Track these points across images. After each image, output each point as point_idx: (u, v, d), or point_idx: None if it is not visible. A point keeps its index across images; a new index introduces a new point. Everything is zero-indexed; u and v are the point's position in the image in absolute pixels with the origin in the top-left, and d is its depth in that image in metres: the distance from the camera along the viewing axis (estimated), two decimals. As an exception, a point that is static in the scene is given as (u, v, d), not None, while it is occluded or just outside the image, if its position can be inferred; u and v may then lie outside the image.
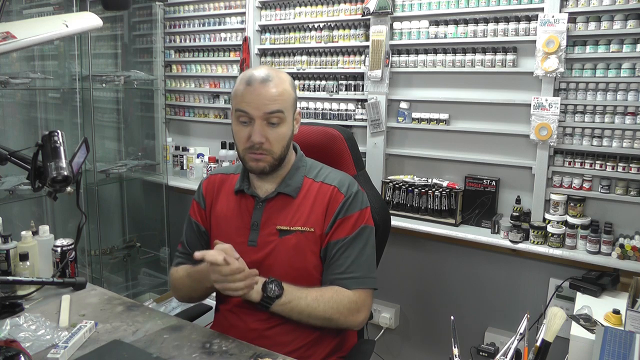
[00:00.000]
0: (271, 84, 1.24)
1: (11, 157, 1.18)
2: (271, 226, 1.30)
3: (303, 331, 1.27)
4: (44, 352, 1.10)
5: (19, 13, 2.84)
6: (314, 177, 1.34)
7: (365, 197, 1.34)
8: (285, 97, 1.26)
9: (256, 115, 1.23)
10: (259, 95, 1.22)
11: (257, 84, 1.23)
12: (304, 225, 1.28)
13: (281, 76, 1.28)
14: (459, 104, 2.28)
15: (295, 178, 1.33)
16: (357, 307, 1.26)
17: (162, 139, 3.19)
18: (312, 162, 1.39)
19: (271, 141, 1.25)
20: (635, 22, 1.85)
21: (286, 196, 1.31)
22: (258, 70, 1.27)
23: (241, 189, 1.35)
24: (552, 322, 1.01)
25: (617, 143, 1.92)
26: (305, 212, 1.29)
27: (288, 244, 1.28)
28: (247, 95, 1.23)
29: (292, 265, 1.27)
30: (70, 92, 2.77)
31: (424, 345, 2.47)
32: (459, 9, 2.20)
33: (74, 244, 1.52)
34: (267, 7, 2.77)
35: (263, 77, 1.24)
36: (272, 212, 1.31)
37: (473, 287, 2.29)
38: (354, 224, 1.29)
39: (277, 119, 1.24)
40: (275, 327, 1.27)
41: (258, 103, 1.22)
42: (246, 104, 1.23)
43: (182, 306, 2.54)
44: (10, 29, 1.03)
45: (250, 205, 1.34)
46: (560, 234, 1.98)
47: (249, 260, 1.28)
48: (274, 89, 1.24)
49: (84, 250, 2.83)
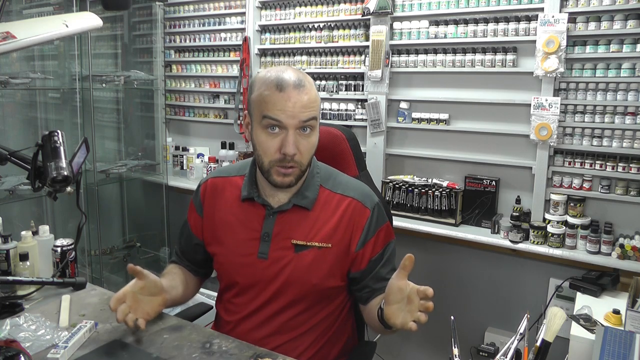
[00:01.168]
0: (305, 89, 1.12)
1: (11, 157, 1.17)
2: (285, 239, 1.21)
3: (303, 340, 1.25)
4: (44, 352, 1.09)
5: (19, 13, 2.84)
6: (331, 187, 1.25)
7: (383, 211, 1.29)
8: (318, 103, 1.16)
9: (291, 124, 1.11)
10: (295, 103, 1.10)
11: (290, 89, 1.10)
12: (321, 241, 1.20)
13: (310, 80, 1.17)
14: (459, 104, 2.28)
15: (311, 189, 1.23)
16: None
17: (162, 139, 3.19)
18: (326, 168, 1.30)
19: (302, 152, 1.14)
20: (635, 22, 1.85)
21: (301, 208, 1.22)
22: (287, 73, 1.13)
23: (250, 197, 1.24)
24: (552, 322, 1.01)
25: (617, 143, 1.92)
26: (324, 227, 1.21)
27: (305, 260, 1.20)
28: (279, 101, 1.10)
29: (309, 282, 1.20)
30: (70, 92, 2.77)
31: (424, 345, 2.47)
32: (459, 9, 2.20)
33: (74, 244, 1.52)
34: (267, 7, 2.78)
35: (295, 81, 1.12)
36: (285, 224, 1.22)
37: (473, 287, 2.29)
38: (385, 238, 1.25)
39: (311, 127, 1.14)
40: (275, 335, 1.24)
41: (293, 111, 1.10)
42: (279, 111, 1.10)
43: (182, 306, 2.53)
44: (10, 29, 1.03)
45: (260, 215, 1.23)
46: (560, 234, 1.98)
47: (259, 274, 1.22)
48: (308, 94, 1.12)
49: (84, 250, 2.83)
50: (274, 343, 1.22)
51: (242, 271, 1.25)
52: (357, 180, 1.33)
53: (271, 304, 1.23)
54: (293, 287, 1.21)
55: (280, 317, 1.23)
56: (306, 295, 1.21)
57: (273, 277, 1.21)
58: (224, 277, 1.32)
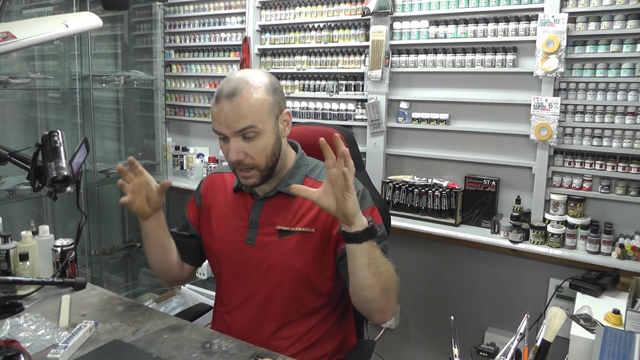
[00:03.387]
0: (238, 97, 1.16)
1: (11, 157, 1.18)
2: (270, 226, 1.27)
3: (302, 337, 1.27)
4: (44, 352, 1.10)
5: (19, 13, 2.84)
6: (316, 177, 1.30)
7: (369, 196, 1.31)
8: (256, 109, 1.17)
9: (228, 133, 1.18)
10: (226, 114, 1.16)
11: (223, 100, 1.17)
12: (304, 226, 1.25)
13: (255, 83, 1.18)
14: (459, 104, 2.28)
15: (295, 178, 1.29)
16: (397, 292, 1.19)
17: (162, 139, 3.19)
18: (315, 162, 1.35)
19: (252, 155, 1.19)
20: (635, 22, 1.85)
21: (286, 196, 1.27)
22: (228, 82, 1.19)
23: (239, 187, 1.33)
24: (552, 322, 1.01)
25: (617, 143, 1.92)
26: (307, 213, 1.25)
27: (288, 244, 1.25)
28: (216, 113, 1.18)
29: (291, 267, 1.25)
30: (70, 92, 2.77)
31: (424, 345, 2.47)
32: (459, 9, 2.20)
33: (74, 244, 1.52)
34: (267, 7, 2.77)
35: (230, 91, 1.16)
36: (271, 211, 1.28)
37: (473, 287, 2.29)
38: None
39: (252, 133, 1.17)
40: (276, 333, 1.26)
41: (227, 121, 1.16)
42: (218, 123, 1.19)
43: (182, 306, 2.55)
44: (10, 29, 1.03)
45: (248, 203, 1.31)
46: (560, 234, 1.98)
47: (247, 259, 1.28)
48: (242, 103, 1.16)
49: (84, 250, 2.83)
50: (266, 331, 1.26)
51: (233, 258, 1.31)
52: None
53: (260, 289, 1.27)
54: (276, 270, 1.25)
55: (269, 303, 1.27)
56: (291, 280, 1.24)
57: (259, 262, 1.27)
58: (217, 267, 1.37)
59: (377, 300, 1.13)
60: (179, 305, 2.60)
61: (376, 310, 1.17)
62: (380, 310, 1.17)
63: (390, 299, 1.15)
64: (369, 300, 1.14)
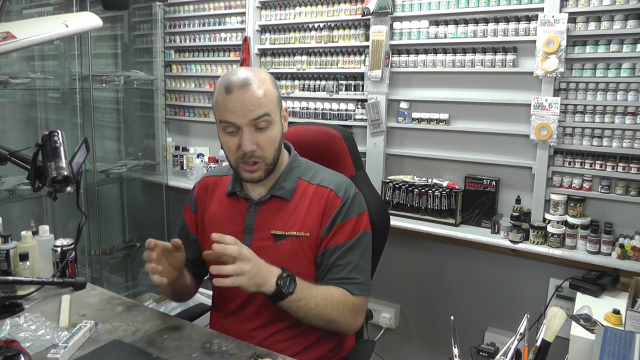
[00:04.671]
0: (252, 86, 1.17)
1: (11, 157, 1.17)
2: (265, 230, 1.26)
3: (300, 338, 1.26)
4: (44, 352, 1.10)
5: (19, 13, 2.84)
6: (309, 179, 1.30)
7: (362, 201, 1.31)
8: (270, 98, 1.19)
9: (242, 123, 1.17)
10: (242, 102, 1.16)
11: (236, 89, 1.16)
12: (299, 230, 1.24)
13: (261, 76, 1.21)
14: (459, 104, 2.28)
15: (289, 180, 1.28)
16: (358, 312, 1.24)
17: (162, 139, 3.19)
18: (307, 163, 1.35)
19: (263, 147, 1.20)
20: (635, 22, 1.85)
21: (280, 199, 1.27)
22: (235, 75, 1.19)
23: (233, 192, 1.32)
24: (552, 322, 1.01)
25: (617, 143, 1.92)
26: (301, 217, 1.25)
27: (282, 249, 1.24)
28: (229, 104, 1.17)
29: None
30: (70, 92, 2.77)
31: (424, 345, 2.47)
32: (459, 9, 2.20)
33: (74, 244, 1.52)
34: (267, 7, 2.78)
35: (242, 81, 1.17)
36: (266, 215, 1.27)
37: (473, 287, 2.29)
38: (353, 229, 1.25)
39: (266, 122, 1.18)
40: (272, 336, 1.25)
41: (243, 110, 1.16)
42: (230, 113, 1.17)
43: (182, 306, 2.54)
44: (10, 29, 1.03)
45: (243, 208, 1.30)
46: (560, 234, 1.98)
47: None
48: (256, 91, 1.17)
49: (84, 250, 2.83)
50: (264, 334, 1.26)
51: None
52: (339, 174, 1.36)
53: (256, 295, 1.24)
54: None
55: (265, 309, 1.26)
56: None
57: None
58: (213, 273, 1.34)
59: (327, 327, 1.23)
60: (179, 305, 2.59)
61: (335, 330, 1.27)
62: (339, 330, 1.27)
63: (339, 325, 1.23)
64: (320, 327, 1.23)
